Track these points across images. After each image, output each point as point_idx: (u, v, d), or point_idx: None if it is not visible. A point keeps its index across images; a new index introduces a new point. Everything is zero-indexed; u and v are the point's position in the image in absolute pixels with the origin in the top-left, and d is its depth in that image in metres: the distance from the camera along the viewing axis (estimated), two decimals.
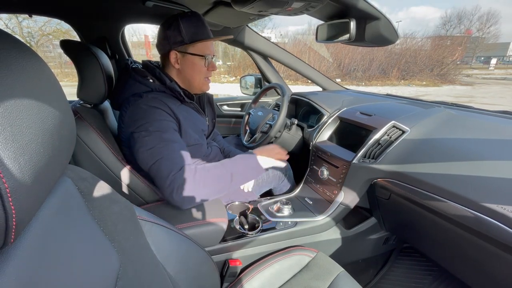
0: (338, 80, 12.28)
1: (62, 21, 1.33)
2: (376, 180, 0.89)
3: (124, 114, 0.85)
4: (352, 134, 1.06)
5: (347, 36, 0.90)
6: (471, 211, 0.61)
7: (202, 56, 0.90)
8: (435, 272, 1.11)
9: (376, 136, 0.91)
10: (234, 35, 1.50)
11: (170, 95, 0.90)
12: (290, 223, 0.94)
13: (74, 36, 1.48)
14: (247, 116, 1.39)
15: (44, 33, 12.78)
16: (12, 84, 0.24)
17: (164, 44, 0.89)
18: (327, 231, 1.00)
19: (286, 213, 0.98)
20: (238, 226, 0.91)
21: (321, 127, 1.18)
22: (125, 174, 0.88)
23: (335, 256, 1.03)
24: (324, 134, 1.17)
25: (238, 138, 1.47)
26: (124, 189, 0.89)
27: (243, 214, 0.96)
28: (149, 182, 0.93)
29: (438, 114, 0.94)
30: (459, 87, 12.83)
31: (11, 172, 0.22)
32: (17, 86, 0.24)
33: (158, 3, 1.10)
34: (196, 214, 0.82)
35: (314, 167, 1.15)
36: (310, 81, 1.71)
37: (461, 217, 0.64)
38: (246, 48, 1.63)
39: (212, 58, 0.93)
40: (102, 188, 0.43)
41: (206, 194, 0.82)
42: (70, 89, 1.48)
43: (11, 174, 0.22)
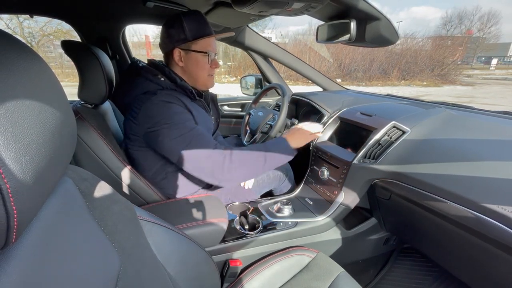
0: (338, 80, 12.27)
1: (63, 21, 1.33)
2: (376, 180, 0.89)
3: (137, 111, 0.84)
4: (352, 134, 1.06)
5: (347, 36, 0.90)
6: (471, 211, 0.61)
7: (205, 53, 0.91)
8: (435, 273, 1.11)
9: (377, 137, 0.91)
10: (235, 35, 1.50)
11: (181, 93, 0.90)
12: (290, 223, 0.94)
13: (75, 36, 1.48)
14: (247, 117, 1.39)
15: (45, 33, 12.80)
16: (14, 84, 0.24)
17: (167, 43, 0.90)
18: (328, 231, 1.00)
19: (287, 213, 0.98)
20: (238, 227, 0.91)
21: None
22: (125, 175, 0.88)
23: (336, 256, 1.03)
24: (325, 135, 1.17)
25: (238, 138, 1.47)
26: (125, 189, 0.90)
27: (243, 214, 0.96)
28: (149, 183, 0.93)
29: (439, 115, 0.94)
30: (459, 87, 12.82)
31: (12, 172, 0.22)
32: (18, 87, 0.25)
33: (158, 4, 1.11)
34: (196, 214, 0.82)
35: (315, 167, 1.15)
36: (310, 81, 1.71)
37: (461, 217, 0.64)
38: (247, 49, 1.63)
39: (215, 55, 0.94)
40: (103, 188, 0.43)
41: (243, 174, 0.84)
42: (71, 89, 1.48)
43: (12, 175, 0.22)
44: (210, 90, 1.10)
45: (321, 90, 1.75)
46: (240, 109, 1.93)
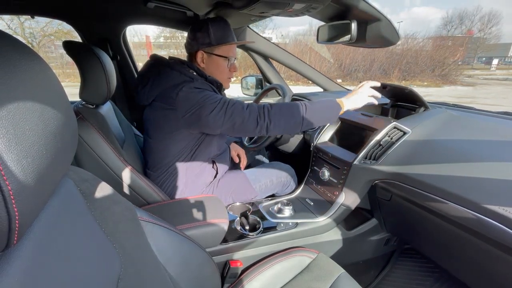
0: (339, 80, 12.26)
1: (64, 22, 1.34)
2: (377, 181, 0.88)
3: (174, 97, 0.87)
4: (353, 135, 1.06)
5: (348, 37, 0.90)
6: (472, 212, 0.61)
7: (225, 58, 0.98)
8: (436, 274, 1.11)
9: (377, 137, 0.91)
10: (235, 36, 1.50)
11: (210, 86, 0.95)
12: (291, 224, 0.94)
13: (76, 36, 1.49)
14: None
15: (46, 33, 12.83)
16: (15, 86, 0.24)
17: (192, 44, 0.97)
18: (328, 232, 1.00)
19: (287, 214, 0.98)
20: (239, 227, 0.91)
21: (322, 128, 1.18)
22: (126, 175, 0.89)
23: (336, 257, 1.03)
24: (325, 135, 1.17)
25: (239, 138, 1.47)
26: (126, 189, 0.90)
27: (244, 215, 0.96)
28: (150, 183, 0.93)
29: (439, 115, 0.94)
30: (460, 87, 12.80)
31: (14, 174, 0.22)
32: (20, 88, 0.25)
33: (159, 4, 1.11)
34: (197, 214, 0.83)
35: (315, 168, 1.15)
36: (311, 81, 1.71)
37: (462, 218, 0.64)
38: (247, 49, 1.63)
39: (234, 60, 1.02)
40: (104, 189, 0.43)
41: (283, 124, 0.88)
42: (71, 89, 1.48)
43: (14, 176, 0.22)
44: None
45: (321, 90, 1.74)
46: None
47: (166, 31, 15.87)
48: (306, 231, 0.95)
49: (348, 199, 0.97)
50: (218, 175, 1.05)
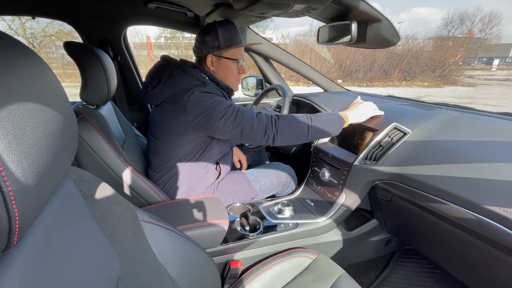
0: (339, 81, 12.27)
1: (65, 23, 1.34)
2: (377, 182, 0.88)
3: (186, 99, 0.88)
4: (353, 135, 1.06)
5: (348, 37, 0.91)
6: (473, 213, 0.61)
7: (235, 60, 1.00)
8: (437, 275, 1.11)
9: (378, 138, 0.91)
10: None
11: (221, 91, 0.96)
12: (291, 224, 0.94)
13: (77, 37, 1.49)
14: None
15: (47, 34, 12.86)
16: (16, 87, 0.24)
17: (201, 48, 0.97)
18: (328, 233, 1.00)
19: (287, 214, 0.98)
20: (239, 228, 0.91)
21: None
22: (127, 175, 0.89)
23: (336, 258, 1.03)
24: None
25: None
26: (126, 190, 0.90)
27: (244, 216, 0.96)
28: (150, 184, 0.93)
29: (440, 116, 0.94)
30: (461, 88, 12.78)
31: (14, 175, 0.22)
32: (20, 89, 0.25)
33: (160, 5, 1.11)
34: (197, 215, 0.83)
35: (316, 168, 1.15)
36: (311, 82, 1.71)
37: (463, 219, 0.64)
38: (248, 50, 1.63)
39: (242, 62, 1.03)
40: (104, 189, 0.43)
41: (290, 136, 0.92)
42: (72, 89, 1.48)
43: (14, 177, 0.22)
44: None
45: (322, 91, 1.74)
46: None
47: (167, 32, 15.90)
48: (306, 232, 0.95)
49: (349, 199, 0.97)
50: (220, 176, 1.05)
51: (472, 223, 0.62)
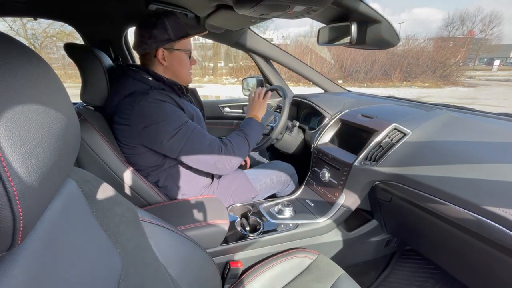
0: (340, 81, 12.27)
1: (66, 24, 1.35)
2: (377, 182, 0.89)
3: (129, 113, 0.84)
4: (353, 136, 1.06)
5: (348, 39, 0.91)
6: (472, 214, 0.61)
7: (187, 51, 0.96)
8: (436, 275, 1.11)
9: (378, 139, 0.92)
10: (236, 37, 1.51)
11: (170, 91, 0.93)
12: (291, 225, 0.95)
13: (77, 37, 1.49)
14: None
15: (48, 34, 12.90)
16: (20, 89, 0.25)
17: (150, 43, 0.90)
18: (328, 233, 1.00)
19: (288, 215, 0.99)
20: (239, 228, 0.92)
21: (322, 129, 1.19)
22: (127, 176, 0.89)
23: (336, 258, 1.03)
24: (326, 136, 1.17)
25: None
26: (127, 190, 0.90)
27: (245, 216, 0.96)
28: (151, 184, 0.94)
29: (440, 117, 0.94)
30: (461, 88, 12.77)
31: (19, 175, 0.23)
32: (24, 91, 0.25)
33: (161, 6, 1.11)
34: (197, 215, 0.83)
35: (316, 169, 1.15)
36: (311, 83, 1.72)
37: (462, 220, 0.64)
38: (248, 50, 1.64)
39: (191, 53, 1.00)
40: (105, 190, 0.43)
41: (238, 160, 0.95)
42: (73, 90, 1.49)
43: (19, 178, 0.23)
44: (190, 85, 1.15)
45: (322, 91, 1.75)
46: (241, 110, 1.94)
47: None
48: (306, 232, 0.95)
49: (349, 200, 0.97)
50: (220, 176, 1.06)
51: (471, 224, 0.62)
